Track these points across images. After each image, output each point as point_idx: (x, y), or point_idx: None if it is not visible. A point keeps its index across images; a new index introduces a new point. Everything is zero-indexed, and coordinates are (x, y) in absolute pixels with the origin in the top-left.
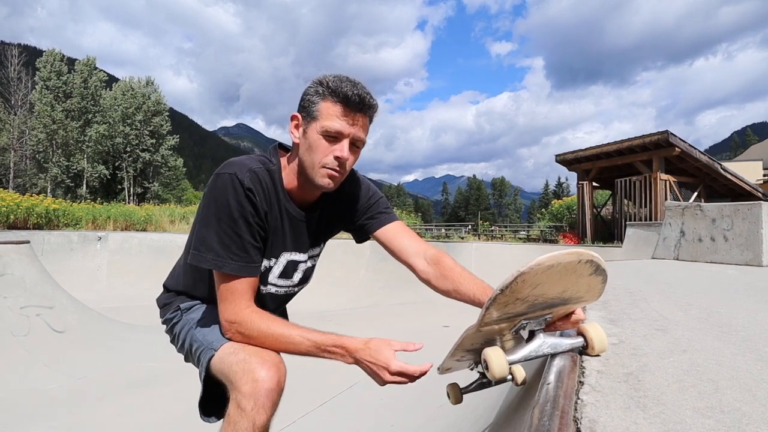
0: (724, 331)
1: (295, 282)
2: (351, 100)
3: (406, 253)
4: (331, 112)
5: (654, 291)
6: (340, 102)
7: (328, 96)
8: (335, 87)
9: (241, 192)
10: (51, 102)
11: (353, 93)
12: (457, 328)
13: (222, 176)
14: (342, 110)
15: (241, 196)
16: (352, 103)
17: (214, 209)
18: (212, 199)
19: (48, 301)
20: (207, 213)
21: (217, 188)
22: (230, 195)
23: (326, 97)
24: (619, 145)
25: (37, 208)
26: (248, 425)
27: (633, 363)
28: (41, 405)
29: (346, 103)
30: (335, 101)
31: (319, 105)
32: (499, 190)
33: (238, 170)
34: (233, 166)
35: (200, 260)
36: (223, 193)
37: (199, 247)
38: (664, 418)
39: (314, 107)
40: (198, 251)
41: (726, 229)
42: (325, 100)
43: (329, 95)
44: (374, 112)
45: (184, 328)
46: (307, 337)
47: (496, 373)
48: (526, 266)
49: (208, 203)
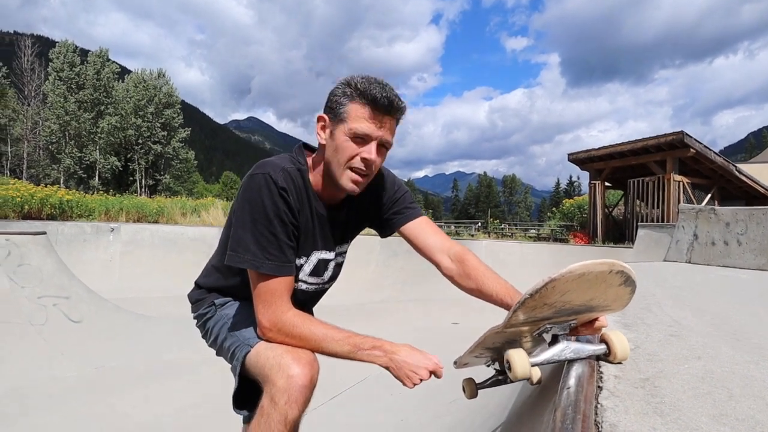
0: (737, 338)
1: (325, 279)
2: (380, 102)
3: (431, 250)
4: (360, 114)
5: (667, 295)
6: (368, 104)
7: (357, 98)
8: (364, 89)
9: (275, 191)
10: (64, 93)
11: (382, 95)
12: (466, 325)
13: (256, 177)
14: (370, 112)
15: (276, 196)
16: (381, 105)
17: (249, 210)
18: (247, 200)
19: (64, 291)
20: (242, 214)
21: (252, 189)
22: (265, 195)
23: (354, 99)
24: (633, 144)
25: (51, 199)
26: (280, 419)
27: (649, 369)
28: (59, 393)
29: (375, 106)
30: (364, 103)
31: (347, 107)
32: (509, 188)
33: (271, 170)
34: (266, 166)
35: (237, 261)
36: (258, 193)
37: (236, 248)
38: (681, 425)
39: (342, 109)
40: (235, 252)
41: (740, 233)
42: (353, 102)
43: (358, 97)
44: (402, 114)
45: (217, 324)
46: (347, 340)
47: (519, 374)
48: (558, 273)
49: (243, 204)
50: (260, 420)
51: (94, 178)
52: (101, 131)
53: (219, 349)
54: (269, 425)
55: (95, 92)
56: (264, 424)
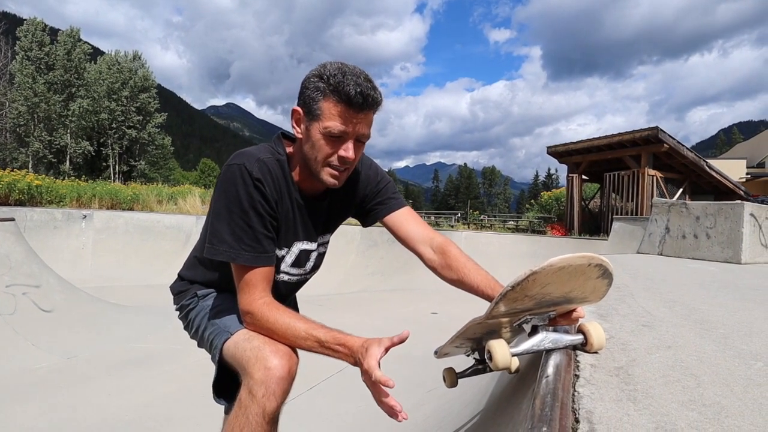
0: (705, 328)
1: (307, 270)
2: (354, 100)
3: (414, 241)
4: (334, 113)
5: (640, 287)
6: (342, 102)
7: (330, 95)
8: (337, 84)
9: (250, 183)
10: (32, 74)
11: (356, 92)
12: (446, 314)
13: (231, 167)
14: (344, 110)
15: (250, 187)
16: (355, 103)
17: (225, 201)
18: (222, 191)
19: (34, 279)
20: (218, 205)
21: (227, 180)
22: (239, 186)
23: (327, 96)
24: (610, 139)
25: (19, 184)
26: (258, 411)
27: (623, 357)
28: (30, 384)
29: (349, 104)
30: (337, 101)
31: (320, 104)
32: (489, 180)
33: (246, 161)
34: (242, 157)
35: (215, 253)
36: (233, 184)
37: (213, 240)
38: (653, 411)
39: (315, 105)
40: (212, 244)
41: (709, 227)
42: (326, 100)
43: (331, 93)
44: (378, 106)
45: (199, 315)
46: (311, 333)
47: (500, 364)
48: (539, 266)
49: (219, 195)
50: (238, 412)
51: (65, 162)
52: (72, 114)
53: (200, 339)
54: (247, 417)
55: (66, 73)
56: (242, 417)
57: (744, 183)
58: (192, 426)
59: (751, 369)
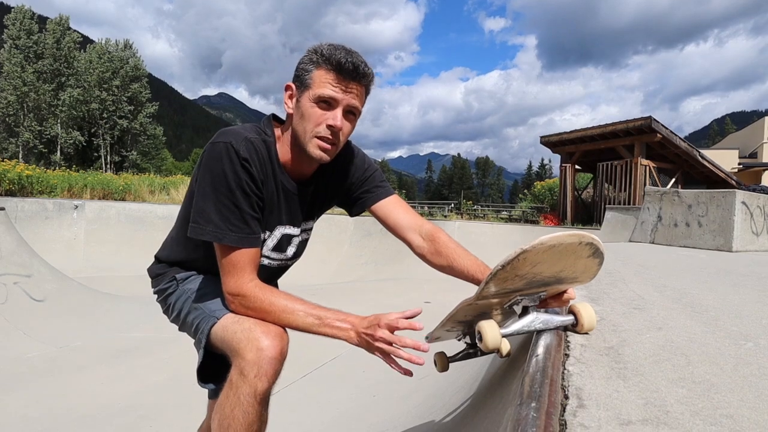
0: (696, 311)
1: (288, 256)
2: (344, 67)
3: (402, 228)
4: (324, 80)
5: (631, 272)
6: (333, 69)
7: (322, 64)
8: (329, 54)
9: (236, 161)
10: (21, 62)
11: (347, 60)
12: (439, 303)
13: (217, 145)
14: (335, 77)
15: (237, 166)
16: (345, 70)
17: (210, 180)
18: (208, 170)
19: (25, 269)
20: (203, 184)
21: (213, 158)
22: (226, 165)
23: (320, 65)
24: (603, 129)
25: (9, 174)
26: (250, 391)
27: (613, 338)
28: (22, 373)
29: (340, 71)
30: (329, 69)
31: (312, 73)
32: (482, 170)
33: (233, 139)
34: (228, 134)
35: (200, 233)
36: (219, 162)
37: (198, 219)
38: (643, 387)
39: (308, 75)
40: (197, 224)
41: (701, 215)
42: (318, 68)
43: (323, 63)
44: (369, 81)
45: (180, 298)
46: (310, 312)
47: (490, 344)
48: (529, 245)
49: (204, 174)
50: (229, 393)
51: (56, 153)
52: (63, 104)
53: (182, 324)
54: (238, 398)
55: (55, 62)
56: (233, 397)
57: (736, 173)
58: (183, 413)
59: (741, 349)
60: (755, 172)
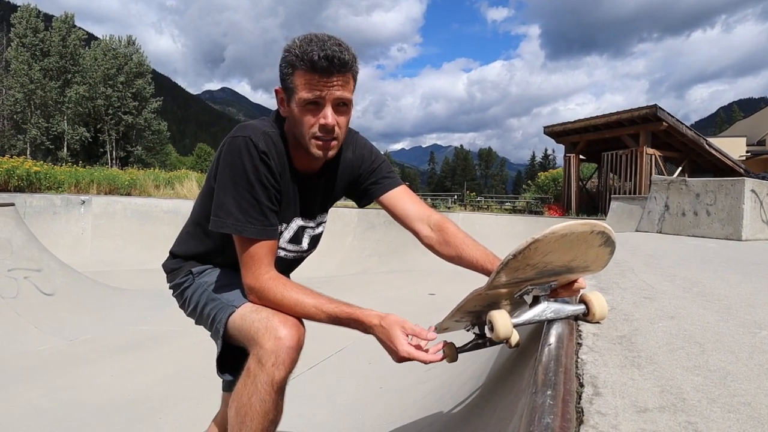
0: (708, 300)
1: (304, 248)
2: (318, 64)
3: (410, 219)
4: (305, 82)
5: (640, 262)
6: (308, 70)
7: (298, 65)
8: (302, 53)
9: (256, 155)
10: (28, 60)
11: (320, 56)
12: (443, 296)
13: (236, 139)
14: (314, 77)
15: (256, 159)
16: (321, 68)
17: (230, 173)
18: (228, 163)
19: (35, 264)
20: (223, 178)
21: (233, 152)
22: (245, 158)
23: (297, 67)
24: (608, 118)
25: (18, 171)
26: (267, 380)
27: (625, 327)
28: (33, 366)
29: (315, 69)
30: (305, 70)
31: (293, 77)
32: (485, 161)
33: (252, 133)
34: (247, 129)
35: (220, 226)
36: (239, 156)
37: (218, 212)
38: (658, 375)
39: (289, 80)
40: (218, 217)
41: (709, 204)
42: (296, 70)
43: (299, 64)
44: (351, 68)
45: (197, 291)
46: (321, 308)
47: (501, 333)
48: (541, 234)
49: (224, 168)
50: (246, 381)
51: (63, 149)
52: (69, 101)
53: (199, 316)
54: (256, 386)
55: (61, 60)
56: (251, 385)
57: (744, 161)
58: (192, 405)
59: (756, 337)
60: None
